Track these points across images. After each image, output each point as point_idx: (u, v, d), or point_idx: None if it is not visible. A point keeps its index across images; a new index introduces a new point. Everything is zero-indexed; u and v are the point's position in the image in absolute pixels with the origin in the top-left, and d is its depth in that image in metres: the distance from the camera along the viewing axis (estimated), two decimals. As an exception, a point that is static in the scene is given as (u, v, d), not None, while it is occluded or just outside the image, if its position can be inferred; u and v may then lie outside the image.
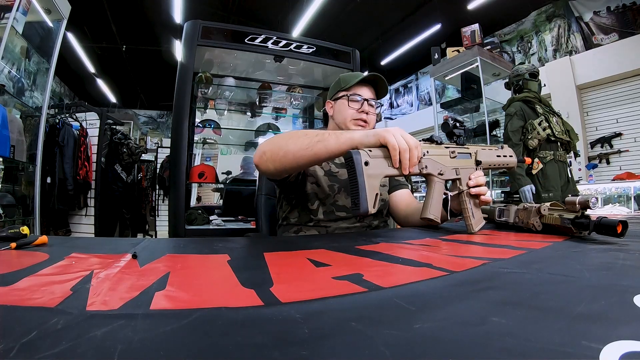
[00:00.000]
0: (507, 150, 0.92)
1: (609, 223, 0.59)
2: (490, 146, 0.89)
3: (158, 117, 9.41)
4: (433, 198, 0.76)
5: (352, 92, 1.06)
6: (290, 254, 0.54)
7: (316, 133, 0.76)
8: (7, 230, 0.57)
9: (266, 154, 0.80)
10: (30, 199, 2.76)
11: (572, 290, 0.31)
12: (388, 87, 1.10)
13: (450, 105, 4.04)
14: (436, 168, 0.76)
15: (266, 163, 0.80)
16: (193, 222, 2.16)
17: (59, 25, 2.86)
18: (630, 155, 4.34)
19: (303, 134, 0.78)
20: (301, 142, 0.75)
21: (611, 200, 3.58)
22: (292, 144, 0.77)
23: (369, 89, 1.08)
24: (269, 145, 0.82)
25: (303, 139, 0.76)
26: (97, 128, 3.52)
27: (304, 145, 0.74)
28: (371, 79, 1.07)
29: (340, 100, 1.08)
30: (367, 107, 1.05)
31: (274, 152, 0.79)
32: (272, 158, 0.79)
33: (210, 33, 2.16)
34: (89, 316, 0.24)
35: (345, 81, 1.09)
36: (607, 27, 4.64)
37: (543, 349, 0.18)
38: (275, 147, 0.79)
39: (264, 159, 0.80)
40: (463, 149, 0.82)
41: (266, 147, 0.82)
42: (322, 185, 1.03)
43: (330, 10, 5.41)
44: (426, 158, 0.74)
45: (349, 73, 1.15)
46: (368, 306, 0.27)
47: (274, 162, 0.79)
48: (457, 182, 0.80)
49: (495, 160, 0.88)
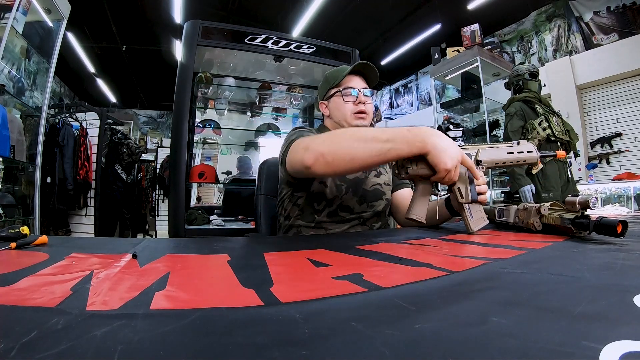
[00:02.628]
0: (525, 145, 0.85)
1: (609, 223, 0.59)
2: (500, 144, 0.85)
3: (158, 117, 9.41)
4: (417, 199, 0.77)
5: (344, 86, 1.04)
6: (290, 254, 0.54)
7: (384, 136, 0.69)
8: (7, 230, 0.57)
9: (325, 157, 0.72)
10: (30, 199, 2.76)
11: (572, 290, 0.31)
12: (378, 73, 1.07)
13: (450, 105, 4.04)
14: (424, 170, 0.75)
15: (325, 166, 0.72)
16: (193, 222, 2.16)
17: (59, 25, 2.86)
18: (630, 155, 4.33)
19: (370, 137, 0.71)
20: (372, 148, 0.69)
21: (611, 200, 3.58)
22: (362, 149, 0.70)
23: (360, 79, 1.06)
24: (328, 146, 0.73)
25: (373, 144, 0.69)
26: (97, 128, 3.52)
27: (374, 152, 0.68)
28: (359, 69, 1.05)
29: (333, 98, 1.07)
30: (362, 97, 1.03)
31: (337, 156, 0.71)
32: (333, 162, 0.71)
33: (210, 33, 2.16)
34: (89, 316, 0.24)
35: (334, 77, 1.07)
36: (607, 27, 4.64)
37: (543, 349, 0.18)
38: (339, 151, 0.71)
39: (321, 161, 0.72)
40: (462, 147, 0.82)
41: (323, 147, 0.73)
42: (329, 185, 1.00)
43: (330, 10, 5.41)
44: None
45: (335, 69, 1.12)
46: (368, 306, 0.27)
47: (334, 166, 0.72)
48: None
49: (505, 158, 0.84)
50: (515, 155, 0.84)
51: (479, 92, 3.48)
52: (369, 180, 1.06)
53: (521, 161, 0.85)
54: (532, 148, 0.85)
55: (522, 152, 0.84)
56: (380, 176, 1.08)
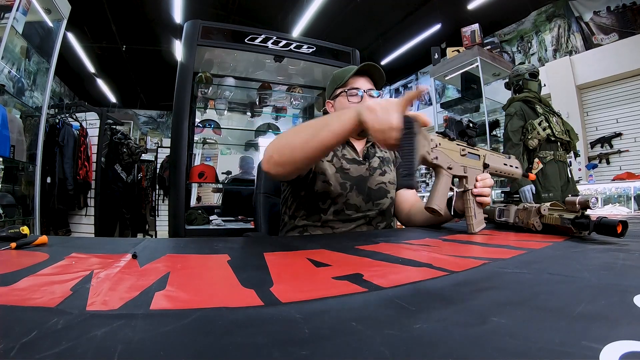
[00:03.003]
0: (514, 161, 0.92)
1: (609, 223, 0.59)
2: (499, 154, 0.90)
3: (158, 117, 9.40)
4: (439, 190, 0.76)
5: (349, 86, 1.03)
6: (290, 254, 0.54)
7: (318, 120, 0.74)
8: (7, 230, 0.57)
9: (273, 157, 0.76)
10: (30, 199, 2.76)
11: (572, 290, 0.31)
12: (384, 74, 1.06)
13: (450, 105, 4.04)
14: (446, 161, 0.76)
15: (275, 166, 0.76)
16: (193, 222, 2.16)
17: (59, 25, 2.86)
18: (630, 155, 4.33)
19: (305, 125, 0.76)
20: (306, 134, 0.73)
21: (611, 200, 3.58)
22: (298, 138, 0.74)
23: (366, 80, 1.05)
24: (273, 146, 0.78)
25: (307, 129, 0.74)
26: (97, 128, 3.52)
27: (309, 136, 0.72)
28: (365, 69, 1.03)
29: (339, 98, 1.06)
30: (368, 98, 1.02)
31: (280, 152, 0.75)
32: (280, 159, 0.75)
33: (210, 33, 2.16)
34: (89, 316, 0.24)
35: (340, 77, 1.06)
36: (607, 27, 4.63)
37: (543, 349, 0.18)
38: (281, 147, 0.76)
39: (272, 162, 0.76)
40: (473, 149, 0.83)
41: (271, 150, 0.77)
42: (333, 183, 1.00)
43: (330, 10, 5.41)
44: (438, 150, 0.74)
45: (342, 68, 1.11)
46: (368, 306, 0.27)
47: (283, 163, 0.75)
48: (464, 180, 0.80)
49: (502, 168, 0.89)
50: (508, 167, 0.91)
51: (479, 92, 3.48)
52: (374, 179, 1.06)
53: (510, 174, 0.92)
54: (518, 164, 0.94)
55: (512, 167, 0.92)
56: (385, 175, 1.08)
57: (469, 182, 0.80)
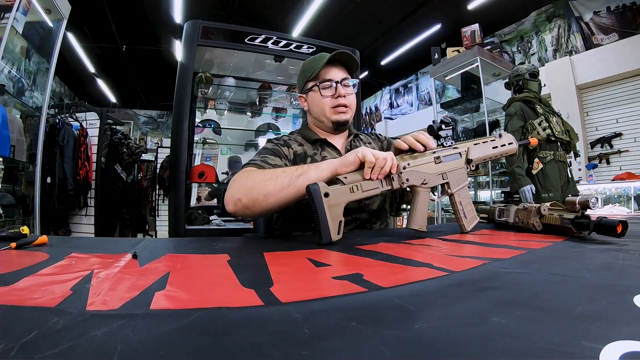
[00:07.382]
0: (506, 137, 0.88)
1: (609, 223, 0.59)
2: (485, 138, 0.87)
3: (158, 117, 9.41)
4: (418, 209, 0.76)
5: (321, 78, 0.96)
6: (290, 254, 0.54)
7: (295, 168, 0.74)
8: (7, 230, 0.57)
9: (242, 201, 0.74)
10: (30, 199, 2.76)
11: (572, 290, 0.31)
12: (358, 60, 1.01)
13: (450, 105, 4.04)
14: (419, 179, 0.76)
15: (244, 209, 0.74)
16: (193, 222, 2.16)
17: (59, 25, 2.86)
18: (630, 155, 4.33)
19: (281, 171, 0.74)
20: (281, 181, 0.72)
21: (611, 200, 3.57)
22: (272, 185, 0.72)
23: (339, 69, 0.97)
24: (242, 190, 0.75)
25: (282, 177, 0.72)
26: (97, 128, 3.52)
27: (285, 184, 0.71)
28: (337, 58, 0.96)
29: (311, 93, 0.99)
30: (342, 89, 0.95)
31: (252, 197, 0.73)
32: (251, 204, 0.73)
33: (210, 33, 2.16)
34: (89, 316, 0.24)
35: (310, 68, 0.97)
36: (607, 27, 4.63)
37: (543, 349, 0.18)
38: (252, 192, 0.73)
39: (240, 205, 0.74)
40: (450, 150, 0.81)
41: (239, 192, 0.75)
42: None
43: (330, 10, 5.41)
44: (407, 171, 0.74)
45: (311, 57, 1.02)
46: (368, 306, 0.27)
47: (253, 208, 0.74)
48: (446, 186, 0.80)
49: (492, 153, 0.86)
50: (499, 149, 0.87)
51: (479, 92, 3.48)
52: None
53: (504, 153, 0.89)
54: (511, 140, 0.89)
55: (504, 145, 0.88)
56: None
57: (452, 186, 0.80)
